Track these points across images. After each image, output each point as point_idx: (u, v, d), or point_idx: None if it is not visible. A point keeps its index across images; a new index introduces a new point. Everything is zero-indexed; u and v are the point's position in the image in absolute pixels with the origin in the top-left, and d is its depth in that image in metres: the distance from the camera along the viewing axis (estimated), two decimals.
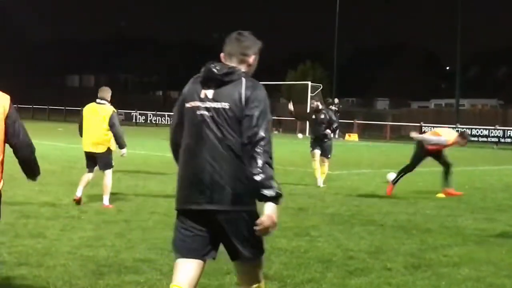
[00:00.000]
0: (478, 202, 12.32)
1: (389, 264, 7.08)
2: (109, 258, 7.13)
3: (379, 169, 18.38)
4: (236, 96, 4.01)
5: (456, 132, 14.55)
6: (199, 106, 4.08)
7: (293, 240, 8.11)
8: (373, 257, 7.44)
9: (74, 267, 6.71)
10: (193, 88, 4.16)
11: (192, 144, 4.08)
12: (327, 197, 12.16)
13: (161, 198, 11.58)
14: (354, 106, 66.99)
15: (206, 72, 4.13)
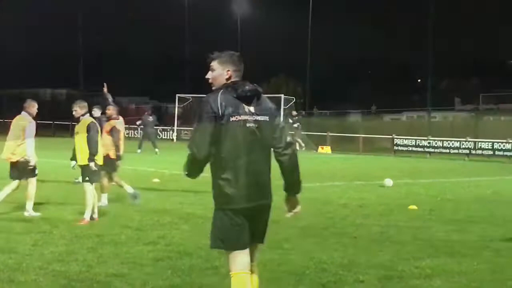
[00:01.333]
0: (450, 214, 12.41)
1: (362, 277, 7.12)
2: (81, 273, 7.08)
3: (351, 181, 18.46)
4: (269, 109, 4.94)
5: None
6: (248, 119, 4.78)
7: (266, 253, 8.11)
8: (346, 269, 7.47)
9: (46, 283, 6.66)
10: (235, 104, 4.75)
11: (245, 153, 4.77)
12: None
13: (134, 212, 11.52)
14: (329, 119, 67.22)
15: (250, 90, 4.81)
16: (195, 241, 8.77)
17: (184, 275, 7.01)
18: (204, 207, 11.25)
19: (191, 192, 13.85)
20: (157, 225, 10.27)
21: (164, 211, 11.69)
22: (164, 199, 13.47)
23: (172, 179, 17.22)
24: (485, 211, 12.84)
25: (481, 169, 25.54)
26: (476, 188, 17.62)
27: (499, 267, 7.73)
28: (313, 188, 15.60)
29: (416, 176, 19.83)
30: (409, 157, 32.70)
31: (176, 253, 8.11)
